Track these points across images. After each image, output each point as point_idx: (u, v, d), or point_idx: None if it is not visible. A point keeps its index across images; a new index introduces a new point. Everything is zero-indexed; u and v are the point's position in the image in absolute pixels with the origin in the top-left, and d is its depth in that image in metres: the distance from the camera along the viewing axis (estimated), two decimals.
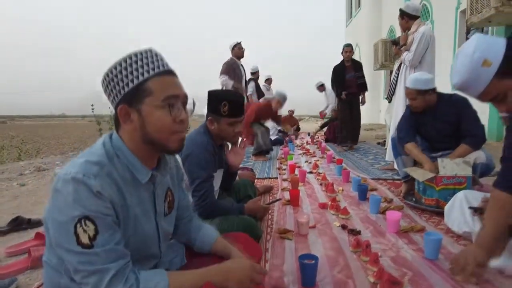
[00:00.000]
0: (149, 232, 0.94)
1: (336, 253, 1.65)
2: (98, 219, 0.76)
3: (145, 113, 0.83)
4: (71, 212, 0.74)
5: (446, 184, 2.21)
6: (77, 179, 0.75)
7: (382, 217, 2.15)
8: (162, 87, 0.84)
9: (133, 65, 0.83)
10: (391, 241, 1.78)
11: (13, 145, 10.47)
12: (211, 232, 1.18)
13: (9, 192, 3.26)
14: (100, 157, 0.83)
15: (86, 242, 0.75)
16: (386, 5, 11.88)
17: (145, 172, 0.89)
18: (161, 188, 0.99)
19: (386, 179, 3.31)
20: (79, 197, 0.75)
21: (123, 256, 0.80)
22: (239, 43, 5.32)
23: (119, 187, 0.83)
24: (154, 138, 0.85)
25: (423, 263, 1.52)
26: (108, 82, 0.85)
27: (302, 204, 2.49)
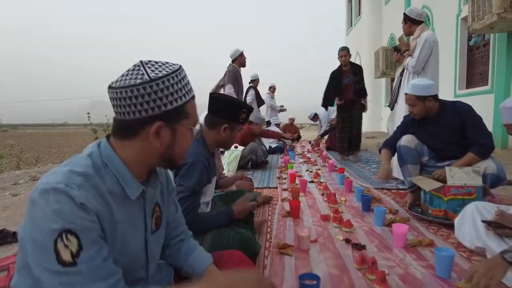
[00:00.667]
0: (137, 252, 0.84)
1: (340, 271, 1.53)
2: (81, 232, 0.66)
3: (179, 133, 0.81)
4: (50, 225, 0.64)
5: (454, 194, 2.10)
6: (58, 189, 0.66)
7: (387, 230, 2.03)
8: (193, 111, 0.84)
9: (178, 84, 0.79)
10: (399, 257, 1.66)
11: (12, 154, 10.41)
12: (204, 258, 1.07)
13: (0, 203, 3.15)
14: (85, 167, 0.73)
15: (68, 260, 0.65)
16: (387, 13, 11.90)
17: (135, 186, 0.80)
18: (149, 204, 0.89)
19: (390, 189, 3.19)
20: (60, 208, 0.65)
21: (113, 273, 0.70)
22: (242, 51, 5.29)
23: (106, 201, 0.74)
24: (175, 156, 0.84)
25: (434, 282, 1.40)
26: (142, 94, 0.74)
27: (303, 215, 2.37)
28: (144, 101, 0.75)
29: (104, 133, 4.66)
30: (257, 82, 6.72)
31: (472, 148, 2.25)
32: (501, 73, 5.70)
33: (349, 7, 16.56)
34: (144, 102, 0.75)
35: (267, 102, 8.30)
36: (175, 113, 0.79)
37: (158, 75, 0.76)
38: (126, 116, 0.76)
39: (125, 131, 0.79)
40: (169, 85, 0.77)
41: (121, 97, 0.75)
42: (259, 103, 6.56)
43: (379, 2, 12.40)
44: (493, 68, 6.04)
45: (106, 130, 4.67)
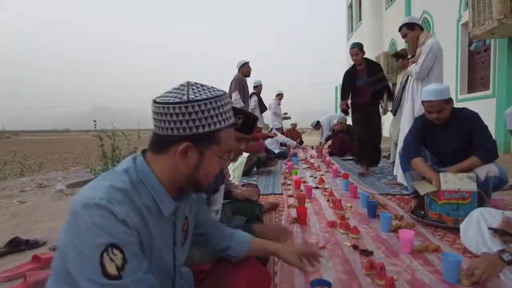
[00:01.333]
0: (168, 265, 0.89)
1: (348, 276, 1.55)
2: (125, 246, 0.70)
3: (206, 158, 0.82)
4: (96, 239, 0.68)
5: (448, 199, 2.15)
6: (101, 205, 0.69)
7: (394, 236, 2.06)
8: (228, 140, 0.84)
9: (216, 110, 0.79)
10: (406, 263, 1.69)
11: (16, 160, 10.46)
12: (244, 234, 1.17)
13: (9, 210, 3.19)
14: (124, 183, 0.77)
15: (114, 273, 0.68)
16: (387, 18, 11.99)
17: (169, 202, 0.84)
18: (180, 218, 0.94)
19: (395, 195, 3.22)
20: (104, 223, 0.68)
21: (153, 286, 0.74)
22: (247, 62, 5.42)
23: (142, 216, 0.77)
24: (199, 180, 0.84)
25: (442, 287, 1.43)
26: (182, 113, 0.76)
27: (310, 222, 2.40)
28: (178, 120, 0.77)
29: (109, 139, 4.68)
30: (260, 88, 6.77)
31: (476, 152, 2.27)
32: (502, 77, 5.74)
33: (350, 12, 16.68)
34: (178, 121, 0.77)
35: (272, 108, 8.36)
36: (205, 137, 0.79)
37: (196, 97, 0.77)
38: (160, 131, 0.79)
39: (158, 145, 0.82)
40: (204, 109, 0.78)
41: (158, 112, 0.78)
42: (262, 109, 6.62)
43: (379, 8, 12.50)
44: (494, 72, 6.09)
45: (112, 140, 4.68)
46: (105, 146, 4.70)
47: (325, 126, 8.03)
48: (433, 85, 2.40)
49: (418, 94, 3.34)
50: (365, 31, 13.12)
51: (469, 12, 5.45)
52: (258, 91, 6.70)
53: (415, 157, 2.41)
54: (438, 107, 2.31)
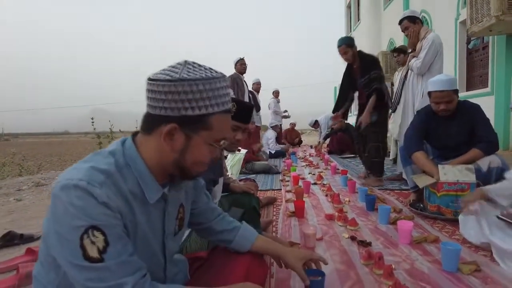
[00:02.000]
0: (156, 254, 0.85)
1: (346, 266, 1.53)
2: (107, 228, 0.66)
3: (194, 143, 0.76)
4: (74, 222, 0.64)
5: (447, 190, 2.14)
6: (80, 186, 0.66)
7: (392, 228, 2.04)
8: (221, 127, 0.78)
9: (208, 92, 0.73)
10: (404, 253, 1.67)
11: (14, 162, 10.42)
12: (251, 229, 1.15)
13: (5, 208, 3.16)
14: (107, 165, 0.73)
15: (95, 256, 0.65)
16: (386, 18, 12.00)
17: (155, 189, 0.79)
18: (173, 205, 0.89)
19: (394, 189, 3.19)
20: (83, 205, 0.65)
21: (140, 268, 0.71)
22: (242, 58, 5.37)
23: (127, 200, 0.73)
24: (186, 166, 0.78)
25: (441, 276, 1.40)
26: (171, 91, 0.71)
27: (308, 215, 2.38)
28: (167, 99, 0.72)
29: (107, 141, 4.63)
30: (256, 86, 6.72)
31: (479, 145, 2.26)
32: (501, 75, 5.73)
33: (348, 12, 16.70)
34: (167, 100, 0.72)
35: (272, 107, 8.37)
36: (195, 121, 0.74)
37: (189, 77, 0.72)
38: (151, 110, 0.75)
39: (147, 125, 0.78)
40: (196, 90, 0.72)
41: (150, 89, 0.74)
42: (256, 107, 6.58)
43: (378, 8, 12.51)
44: (493, 70, 6.08)
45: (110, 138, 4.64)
46: (104, 146, 4.68)
47: (323, 125, 8.02)
48: (443, 75, 2.36)
49: (419, 89, 3.32)
50: (364, 31, 13.13)
51: (467, 10, 5.44)
52: (254, 88, 6.66)
53: (416, 151, 2.37)
54: (448, 97, 2.26)
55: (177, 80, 0.71)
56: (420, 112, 2.56)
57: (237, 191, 2.17)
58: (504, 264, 1.45)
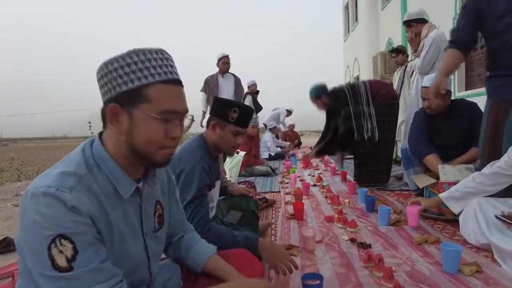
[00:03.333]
0: (137, 252, 0.82)
1: (346, 269, 1.51)
2: (75, 236, 0.64)
3: (136, 119, 0.72)
4: (43, 231, 0.63)
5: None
6: (49, 193, 0.64)
7: (392, 229, 2.02)
8: (164, 98, 0.73)
9: (138, 64, 0.71)
10: (405, 254, 1.65)
11: (13, 167, 10.38)
12: (205, 249, 1.05)
13: (2, 213, 3.15)
14: (78, 167, 0.71)
15: (64, 265, 0.63)
16: (384, 18, 12.01)
17: (128, 184, 0.77)
18: (149, 202, 0.87)
19: (394, 190, 3.17)
20: (51, 213, 0.63)
21: (113, 275, 0.68)
22: (225, 56, 4.98)
23: (100, 202, 0.71)
24: (140, 149, 0.74)
25: (442, 278, 1.38)
26: (104, 73, 0.72)
27: (307, 217, 2.36)
28: (104, 83, 0.73)
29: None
30: (252, 88, 6.65)
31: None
32: None
33: (346, 13, 16.72)
34: (104, 84, 0.73)
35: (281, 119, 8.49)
36: (130, 95, 0.71)
37: (117, 55, 0.72)
38: (102, 101, 0.75)
39: (102, 118, 0.76)
40: (124, 65, 0.71)
41: (97, 80, 0.75)
42: (257, 109, 6.46)
43: (375, 8, 12.52)
44: None
45: None
46: None
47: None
48: (433, 74, 2.36)
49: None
50: (362, 31, 13.13)
51: None
52: (251, 90, 6.58)
53: (428, 154, 2.34)
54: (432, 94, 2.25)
55: (106, 61, 0.73)
56: (419, 112, 2.55)
57: (236, 194, 2.15)
58: (506, 265, 1.43)
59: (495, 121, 1.83)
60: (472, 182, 1.77)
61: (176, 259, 1.06)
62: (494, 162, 1.71)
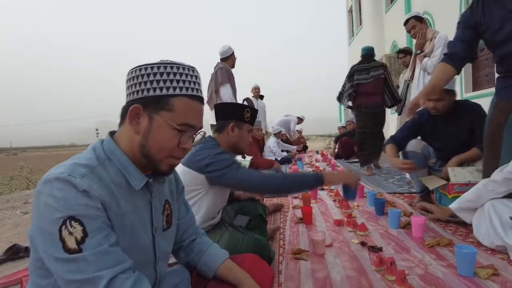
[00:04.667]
0: (145, 247, 0.82)
1: (357, 273, 1.48)
2: (85, 218, 0.66)
3: (156, 124, 0.76)
4: (54, 214, 0.64)
5: (458, 192, 2.09)
6: (61, 178, 0.66)
7: (403, 232, 1.98)
8: (186, 111, 0.78)
9: (170, 75, 0.76)
10: (417, 257, 1.61)
11: (22, 175, 10.49)
12: (219, 254, 1.03)
13: (11, 221, 3.16)
14: (89, 160, 0.74)
15: (73, 247, 0.64)
16: (388, 21, 11.99)
17: (139, 177, 0.79)
18: (158, 200, 0.88)
19: (403, 193, 3.13)
20: (62, 196, 0.65)
21: (122, 261, 0.68)
22: (234, 51, 4.40)
23: (111, 191, 0.73)
24: (150, 153, 0.78)
25: (457, 281, 1.34)
26: (136, 75, 0.77)
27: (316, 222, 2.33)
28: (133, 84, 0.77)
29: None
30: (255, 91, 6.65)
31: (478, 144, 2.20)
32: None
33: (350, 17, 16.75)
34: (133, 84, 0.77)
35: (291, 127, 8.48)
36: (156, 101, 0.76)
37: (150, 62, 0.77)
38: (126, 100, 0.80)
39: (121, 115, 0.81)
40: (157, 72, 0.76)
41: (126, 79, 0.80)
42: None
43: (379, 11, 12.52)
44: None
45: None
46: None
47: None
48: None
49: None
50: (366, 34, 13.13)
51: None
52: (254, 94, 6.58)
53: (388, 143, 2.46)
54: (439, 95, 2.23)
55: (139, 66, 0.77)
56: (419, 112, 2.50)
57: (243, 198, 2.13)
58: None
59: (497, 119, 1.82)
60: (484, 190, 1.74)
61: (187, 263, 1.04)
62: (504, 167, 1.68)
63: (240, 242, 1.47)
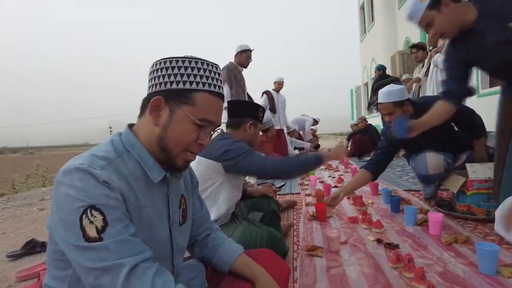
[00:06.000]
0: (163, 241, 0.82)
1: (374, 270, 1.45)
2: (106, 208, 0.65)
3: (176, 117, 0.76)
4: (74, 204, 0.64)
5: (478, 189, 2.02)
6: (81, 168, 0.66)
7: (420, 229, 1.94)
8: (207, 106, 0.78)
9: (195, 70, 0.77)
10: (435, 255, 1.57)
11: (38, 173, 10.73)
12: (234, 248, 1.02)
13: (28, 217, 3.22)
14: (107, 152, 0.74)
15: (94, 235, 0.64)
16: (400, 17, 11.79)
17: (158, 170, 0.79)
18: (175, 194, 0.88)
19: (418, 191, 3.07)
20: (83, 186, 0.65)
21: (142, 251, 0.68)
22: (250, 50, 4.27)
23: (129, 184, 0.73)
24: (168, 146, 0.77)
25: (479, 279, 1.30)
26: (161, 67, 0.77)
27: (330, 219, 2.30)
28: (156, 76, 0.77)
29: None
30: (277, 85, 6.14)
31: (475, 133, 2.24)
32: None
33: (362, 14, 16.53)
34: (156, 77, 0.77)
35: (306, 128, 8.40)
36: (178, 94, 0.76)
37: (175, 56, 0.77)
38: (147, 91, 0.80)
39: (141, 108, 0.81)
40: (181, 66, 0.76)
41: (149, 71, 0.79)
42: (272, 110, 5.95)
43: (392, 7, 12.32)
44: None
45: None
46: None
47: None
48: (388, 87, 2.26)
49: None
50: (379, 31, 12.94)
51: None
52: (276, 88, 6.09)
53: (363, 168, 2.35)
54: (388, 109, 2.19)
55: (164, 58, 0.77)
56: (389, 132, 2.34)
57: (256, 195, 2.12)
58: None
59: (505, 116, 1.75)
60: None
61: (202, 258, 1.04)
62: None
63: (254, 235, 1.46)
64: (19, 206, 3.92)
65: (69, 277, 0.72)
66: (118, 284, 0.63)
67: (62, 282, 0.73)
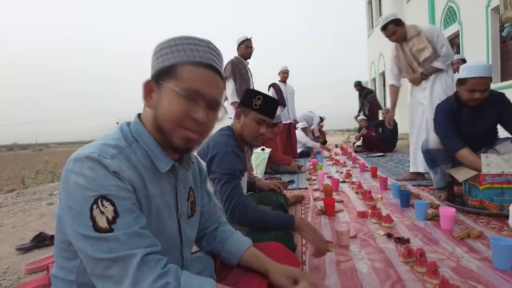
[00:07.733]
0: (171, 233, 0.81)
1: (384, 265, 1.42)
2: (117, 198, 0.64)
3: (163, 93, 0.74)
4: (85, 193, 0.63)
5: (491, 183, 1.97)
6: (92, 157, 0.65)
7: (431, 224, 1.90)
8: (192, 78, 0.74)
9: (179, 46, 0.76)
10: (448, 250, 1.54)
11: (47, 169, 10.86)
12: (242, 241, 1.01)
13: (38, 211, 3.25)
14: (117, 141, 0.73)
15: (104, 226, 0.63)
16: (408, 11, 11.62)
17: (165, 160, 0.78)
18: (183, 186, 0.87)
19: (428, 185, 3.02)
20: (94, 175, 0.64)
21: (153, 244, 0.67)
22: (248, 39, 4.18)
23: (139, 173, 0.72)
24: (161, 125, 0.75)
25: (493, 274, 1.27)
26: (154, 53, 0.78)
27: (338, 213, 2.27)
28: (152, 61, 0.78)
29: None
30: (282, 75, 5.93)
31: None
32: None
33: (370, 8, 16.34)
34: (152, 62, 0.78)
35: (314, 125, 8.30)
36: (164, 72, 0.75)
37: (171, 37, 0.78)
38: None
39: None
40: (166, 46, 0.76)
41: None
42: (282, 103, 5.66)
43: (400, 1, 12.14)
44: None
45: None
46: None
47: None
48: (480, 61, 2.19)
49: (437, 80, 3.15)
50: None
51: None
52: (281, 78, 5.87)
53: (461, 148, 2.15)
54: (486, 85, 2.10)
55: (158, 44, 0.78)
56: (443, 107, 2.34)
57: (264, 189, 2.10)
58: None
59: None
60: None
61: (210, 251, 1.03)
62: None
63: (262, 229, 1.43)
64: (29, 201, 3.96)
65: (77, 267, 0.71)
66: (130, 273, 0.61)
67: (70, 272, 0.72)
